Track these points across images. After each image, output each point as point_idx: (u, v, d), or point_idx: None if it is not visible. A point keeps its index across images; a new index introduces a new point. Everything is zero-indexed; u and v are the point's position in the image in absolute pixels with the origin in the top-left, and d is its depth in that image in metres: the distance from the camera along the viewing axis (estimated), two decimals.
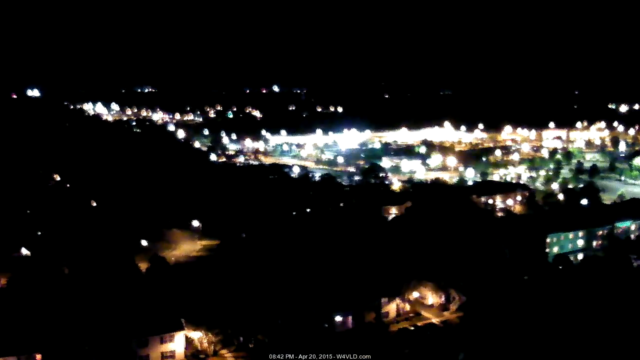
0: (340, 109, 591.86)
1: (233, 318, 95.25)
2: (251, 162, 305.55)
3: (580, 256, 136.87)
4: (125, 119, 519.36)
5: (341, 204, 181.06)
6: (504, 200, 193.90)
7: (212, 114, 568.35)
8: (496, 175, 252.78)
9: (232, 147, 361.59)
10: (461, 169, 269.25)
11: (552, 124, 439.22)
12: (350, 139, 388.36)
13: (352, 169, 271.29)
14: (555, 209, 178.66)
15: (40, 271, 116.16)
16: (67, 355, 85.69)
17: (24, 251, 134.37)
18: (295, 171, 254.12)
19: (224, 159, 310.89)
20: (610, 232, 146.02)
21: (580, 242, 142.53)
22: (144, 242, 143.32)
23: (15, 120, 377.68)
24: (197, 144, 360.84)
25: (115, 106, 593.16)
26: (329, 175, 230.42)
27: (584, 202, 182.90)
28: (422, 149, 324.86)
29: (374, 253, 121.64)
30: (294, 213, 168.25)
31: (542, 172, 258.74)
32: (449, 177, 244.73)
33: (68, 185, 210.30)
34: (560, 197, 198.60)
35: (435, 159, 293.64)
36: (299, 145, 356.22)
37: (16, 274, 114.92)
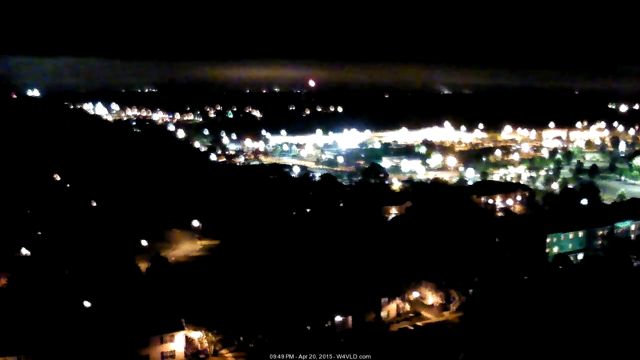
0: (340, 109, 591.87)
1: (233, 318, 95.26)
2: (251, 162, 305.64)
3: (580, 256, 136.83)
4: (125, 119, 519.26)
5: (341, 204, 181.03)
6: (504, 200, 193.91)
7: (212, 114, 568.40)
8: (496, 175, 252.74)
9: (232, 147, 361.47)
10: (461, 169, 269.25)
11: (552, 124, 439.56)
12: (350, 139, 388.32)
13: (352, 169, 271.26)
14: (555, 209, 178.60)
15: (40, 271, 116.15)
16: (67, 355, 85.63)
17: (24, 251, 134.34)
18: (295, 171, 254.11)
19: (224, 159, 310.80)
20: (610, 232, 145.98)
21: (580, 242, 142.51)
22: (144, 242, 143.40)
23: (15, 120, 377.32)
24: (197, 144, 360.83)
25: (115, 106, 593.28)
26: (329, 175, 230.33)
27: (584, 202, 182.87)
28: (422, 149, 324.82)
29: (374, 253, 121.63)
30: (294, 213, 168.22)
31: (542, 172, 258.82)
32: (449, 177, 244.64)
33: (68, 185, 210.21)
34: (560, 197, 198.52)
35: (435, 159, 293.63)
36: (299, 145, 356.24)
37: (16, 274, 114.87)
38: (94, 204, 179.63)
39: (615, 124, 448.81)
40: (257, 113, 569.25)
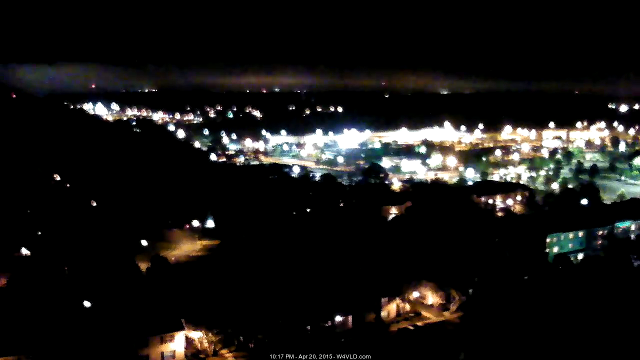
0: (340, 109, 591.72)
1: (233, 318, 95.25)
2: (251, 162, 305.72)
3: (580, 256, 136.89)
4: (125, 119, 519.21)
5: (341, 204, 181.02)
6: (504, 200, 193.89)
7: (212, 114, 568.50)
8: (496, 175, 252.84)
9: (232, 147, 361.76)
10: (461, 169, 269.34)
11: (552, 124, 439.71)
12: (350, 139, 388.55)
13: (352, 169, 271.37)
14: (555, 209, 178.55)
15: (40, 271, 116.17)
16: (67, 355, 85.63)
17: (24, 251, 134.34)
18: (295, 171, 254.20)
19: (224, 159, 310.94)
20: (610, 232, 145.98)
21: (580, 242, 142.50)
22: (144, 242, 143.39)
23: (15, 120, 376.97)
24: (197, 144, 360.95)
25: (115, 106, 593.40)
26: (329, 175, 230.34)
27: (584, 202, 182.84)
28: (422, 149, 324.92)
29: (374, 253, 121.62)
30: (294, 213, 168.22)
31: (542, 172, 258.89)
32: (449, 177, 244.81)
33: (68, 185, 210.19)
34: (560, 197, 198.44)
35: (435, 159, 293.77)
36: (299, 145, 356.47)
37: (16, 274, 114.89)
38: (94, 204, 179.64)
39: (615, 124, 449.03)
40: (257, 113, 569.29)
